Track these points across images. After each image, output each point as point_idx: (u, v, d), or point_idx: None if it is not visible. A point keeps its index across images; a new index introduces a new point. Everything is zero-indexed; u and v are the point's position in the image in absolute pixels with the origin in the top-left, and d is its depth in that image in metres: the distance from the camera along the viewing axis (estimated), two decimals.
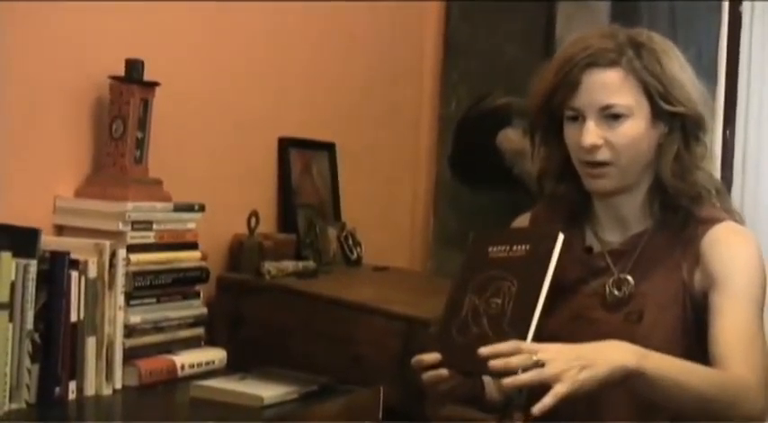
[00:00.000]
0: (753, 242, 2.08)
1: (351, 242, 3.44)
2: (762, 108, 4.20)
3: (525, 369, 1.78)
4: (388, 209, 3.85)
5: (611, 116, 2.04)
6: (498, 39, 3.89)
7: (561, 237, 1.95)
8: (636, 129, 2.05)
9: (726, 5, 3.98)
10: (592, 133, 2.03)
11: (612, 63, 2.04)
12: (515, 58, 3.81)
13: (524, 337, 1.85)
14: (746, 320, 1.99)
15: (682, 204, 2.08)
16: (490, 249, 2.03)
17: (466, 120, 3.85)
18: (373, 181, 3.75)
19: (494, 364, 1.79)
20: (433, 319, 2.66)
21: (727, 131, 4.11)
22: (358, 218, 3.55)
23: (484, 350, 1.81)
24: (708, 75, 3.82)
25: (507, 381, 1.77)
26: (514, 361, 1.78)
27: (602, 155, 2.04)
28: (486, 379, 2.14)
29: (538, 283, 1.91)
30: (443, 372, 1.92)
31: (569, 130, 2.09)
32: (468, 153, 3.82)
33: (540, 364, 1.78)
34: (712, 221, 2.08)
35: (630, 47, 2.06)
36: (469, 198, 3.83)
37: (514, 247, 2.00)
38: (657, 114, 2.06)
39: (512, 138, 3.57)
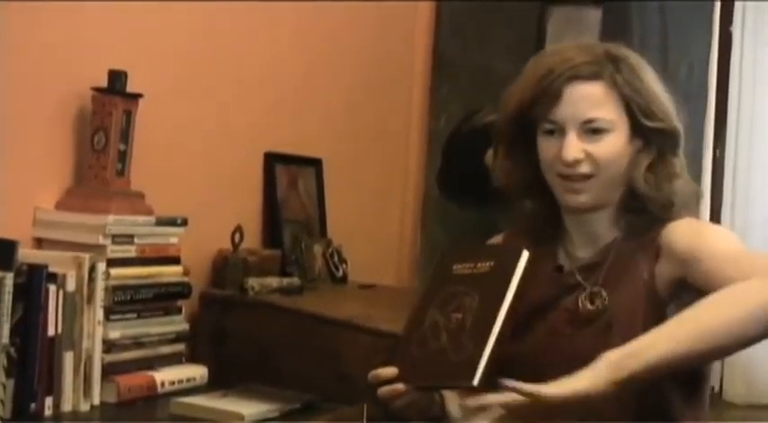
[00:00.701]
0: (712, 224, 2.08)
1: (337, 259, 3.40)
2: (752, 127, 4.19)
3: None
4: (376, 225, 3.81)
5: (592, 130, 2.00)
6: (488, 54, 3.86)
7: (526, 253, 1.91)
8: (617, 144, 2.01)
9: (717, 23, 3.97)
10: (574, 147, 1.99)
11: (595, 76, 2.00)
12: (506, 74, 3.76)
13: (483, 350, 1.82)
14: (736, 252, 1.94)
15: (649, 209, 2.03)
16: (455, 266, 1.99)
17: (455, 136, 3.81)
18: (361, 197, 3.71)
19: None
20: None
21: (717, 150, 4.09)
22: (345, 234, 3.51)
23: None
24: (699, 91, 3.81)
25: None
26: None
27: (583, 168, 2.00)
28: (447, 394, 2.09)
29: (499, 297, 1.87)
30: (399, 386, 1.89)
31: (545, 143, 2.03)
32: (457, 170, 3.79)
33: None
34: (672, 220, 2.03)
35: (609, 61, 2.02)
36: (458, 215, 3.79)
37: (479, 264, 1.96)
38: (635, 129, 2.02)
39: None
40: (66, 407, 2.34)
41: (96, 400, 2.41)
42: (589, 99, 1.99)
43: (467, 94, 3.89)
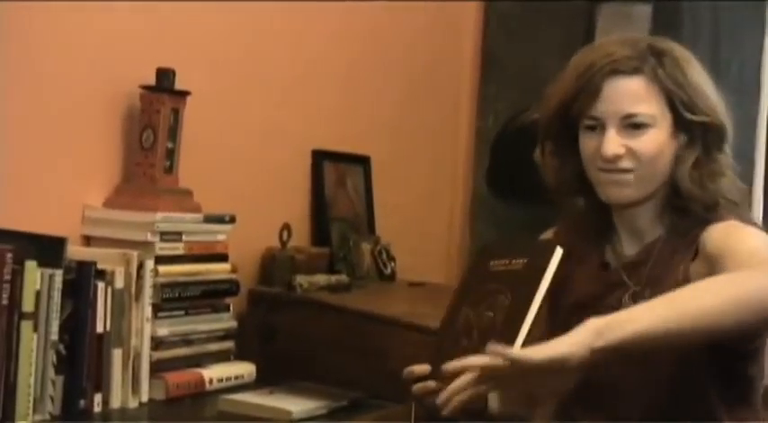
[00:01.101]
0: (755, 228, 1.97)
1: (385, 257, 3.39)
2: None
3: None
4: (425, 224, 3.80)
5: (632, 125, 1.97)
6: (536, 52, 3.83)
7: (559, 251, 1.89)
8: (658, 139, 1.98)
9: None
10: (614, 142, 1.96)
11: (635, 70, 1.97)
12: (554, 72, 3.75)
13: None
14: (756, 248, 1.88)
15: (692, 209, 2.00)
16: (492, 262, 1.98)
17: (503, 134, 3.81)
18: (409, 195, 3.70)
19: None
20: None
21: None
22: (393, 232, 3.50)
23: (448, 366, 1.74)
24: (750, 89, 3.76)
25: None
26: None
27: (624, 163, 1.97)
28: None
29: (530, 296, 1.85)
30: (431, 384, 1.88)
31: (586, 139, 2.01)
32: (506, 168, 3.78)
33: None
34: (716, 221, 1.99)
35: (652, 55, 1.99)
36: (506, 213, 3.78)
37: (513, 261, 1.95)
38: (679, 124, 1.99)
39: None
40: (115, 403, 2.36)
41: (145, 397, 2.42)
42: (629, 94, 1.97)
43: (515, 92, 3.87)
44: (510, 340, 1.81)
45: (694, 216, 2.00)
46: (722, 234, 1.95)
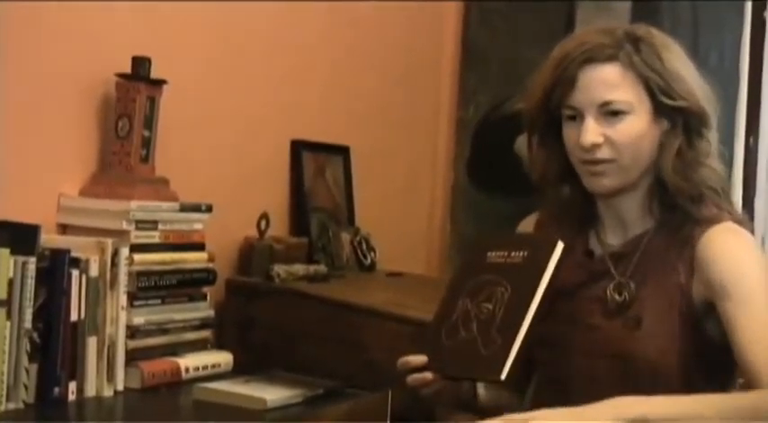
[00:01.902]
0: (750, 242, 1.99)
1: (365, 247, 3.39)
2: None
3: None
4: (405, 214, 3.80)
5: (610, 113, 1.96)
6: (517, 43, 3.84)
7: (561, 245, 1.91)
8: (637, 125, 1.97)
9: (749, 9, 3.92)
10: (591, 131, 1.96)
11: (610, 58, 1.96)
12: (535, 63, 3.75)
13: (511, 345, 1.82)
14: (765, 323, 1.91)
15: (680, 203, 2.00)
16: (489, 254, 1.99)
17: (484, 125, 3.81)
18: (389, 186, 3.70)
19: None
20: None
21: (751, 138, 4.04)
22: (373, 223, 3.50)
23: None
24: (730, 80, 3.77)
25: None
26: None
27: (603, 153, 1.97)
28: (479, 383, 2.10)
29: (531, 290, 1.87)
30: (427, 375, 1.91)
31: (568, 130, 2.01)
32: (486, 159, 3.78)
33: None
34: (709, 222, 1.99)
35: (629, 41, 1.99)
36: (487, 204, 3.78)
37: (512, 254, 1.95)
38: (658, 110, 1.98)
39: None
40: (90, 392, 2.35)
41: (120, 386, 2.42)
42: (604, 82, 1.96)
43: (495, 83, 3.88)
44: (510, 336, 1.84)
45: (682, 209, 2.00)
46: (722, 255, 1.94)
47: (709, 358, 1.97)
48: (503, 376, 1.82)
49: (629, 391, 1.91)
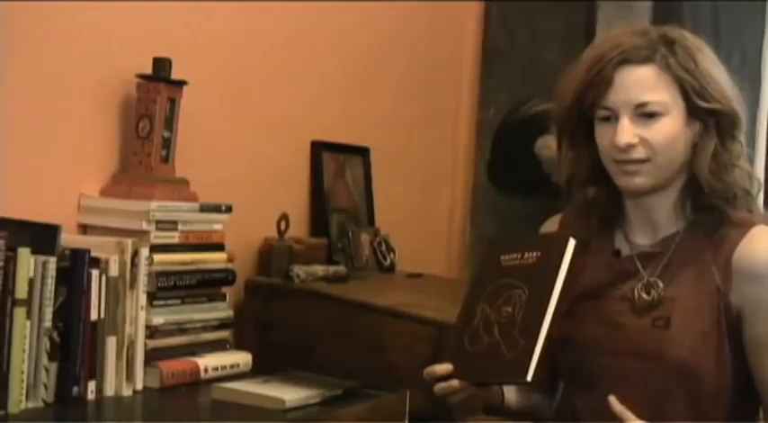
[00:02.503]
0: None
1: (384, 248, 3.39)
2: None
3: None
4: (425, 215, 3.80)
5: (645, 114, 1.97)
6: (537, 44, 3.84)
7: (572, 242, 1.93)
8: (671, 127, 1.98)
9: None
10: (627, 132, 1.97)
11: (646, 59, 1.98)
12: (555, 64, 3.75)
13: (534, 346, 1.85)
14: None
15: (715, 204, 2.01)
16: (503, 258, 2.02)
17: (505, 126, 3.80)
18: (409, 187, 3.70)
19: None
20: None
21: None
22: (393, 224, 3.50)
23: None
24: (752, 81, 3.75)
25: None
26: None
27: (638, 153, 1.98)
28: (506, 387, 2.11)
29: (548, 290, 1.89)
30: (454, 383, 1.93)
31: (601, 131, 2.02)
32: (507, 160, 3.78)
33: None
34: (745, 226, 2.00)
35: (663, 44, 1.99)
36: (507, 205, 3.78)
37: (525, 255, 1.98)
38: (692, 112, 1.99)
39: (551, 145, 3.49)
40: (109, 391, 2.36)
41: (139, 385, 2.42)
42: (640, 83, 1.97)
43: (515, 85, 3.87)
44: (532, 337, 1.86)
45: (716, 210, 2.01)
46: (760, 270, 1.96)
47: (743, 359, 1.98)
48: (529, 377, 1.84)
49: (658, 392, 1.93)
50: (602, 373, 2.01)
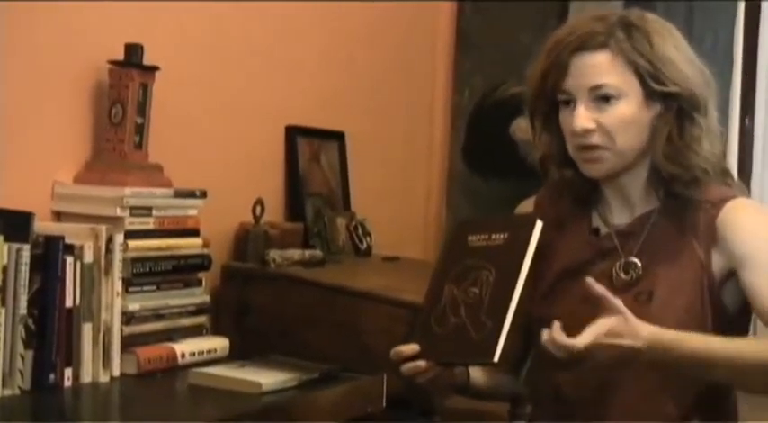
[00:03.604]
0: (766, 217, 2.06)
1: (360, 232, 3.39)
2: None
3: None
4: (401, 199, 3.80)
5: (601, 98, 1.99)
6: (511, 27, 3.84)
7: (539, 224, 1.93)
8: (627, 110, 2.00)
9: None
10: (582, 117, 2.00)
11: (601, 45, 2.00)
12: (529, 47, 3.74)
13: (501, 327, 1.85)
14: None
15: (677, 191, 2.04)
16: (470, 238, 2.01)
17: (479, 110, 3.81)
18: (385, 171, 3.70)
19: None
20: None
21: (746, 119, 4.04)
22: (369, 208, 3.51)
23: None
24: (724, 61, 3.77)
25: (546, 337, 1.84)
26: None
27: (596, 139, 2.00)
28: (472, 367, 2.12)
29: (515, 271, 1.89)
30: (421, 363, 1.93)
31: (563, 116, 2.05)
32: (482, 143, 3.78)
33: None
34: (723, 200, 2.03)
35: (621, 28, 2.02)
36: (483, 188, 3.79)
37: (493, 236, 1.98)
38: (650, 95, 2.01)
39: (525, 128, 3.48)
40: (86, 378, 2.35)
41: (116, 372, 2.42)
42: (594, 68, 1.99)
43: (490, 68, 3.88)
44: (498, 319, 1.86)
45: (681, 197, 2.04)
46: (741, 226, 2.01)
47: (723, 327, 1.99)
48: (495, 358, 1.85)
49: (641, 367, 1.94)
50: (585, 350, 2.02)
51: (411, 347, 1.94)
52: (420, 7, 3.86)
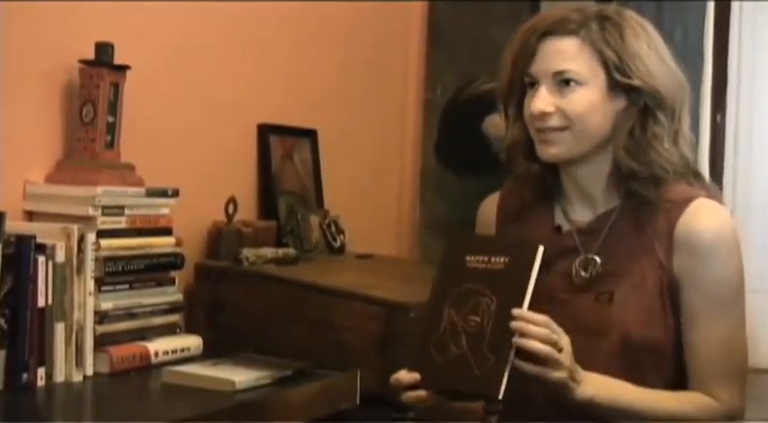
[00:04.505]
0: (727, 224, 2.03)
1: (334, 229, 3.40)
2: (753, 90, 4.17)
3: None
4: (374, 196, 3.81)
5: (563, 82, 2.00)
6: (483, 23, 3.85)
7: (541, 249, 1.91)
8: (589, 97, 2.00)
9: None
10: (542, 99, 2.00)
11: (570, 32, 2.00)
12: (501, 44, 3.75)
13: (505, 363, 1.83)
14: (727, 329, 2.00)
15: (636, 188, 2.03)
16: (467, 258, 1.97)
17: (452, 106, 3.82)
18: (358, 168, 3.71)
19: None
20: (413, 303, 2.65)
21: (718, 116, 4.07)
22: (342, 205, 3.51)
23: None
24: (694, 57, 3.79)
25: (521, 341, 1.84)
26: (535, 330, 1.84)
27: (553, 121, 2.00)
28: None
29: (517, 302, 1.87)
30: (422, 393, 1.92)
31: (527, 99, 2.04)
32: (455, 140, 3.79)
33: (557, 348, 1.86)
34: (686, 199, 2.02)
35: (596, 20, 2.02)
36: (457, 184, 3.80)
37: (492, 259, 1.94)
38: (614, 87, 2.01)
39: (498, 124, 3.49)
40: (59, 377, 2.35)
41: (89, 371, 2.42)
42: (560, 53, 2.00)
43: (462, 64, 3.89)
44: (502, 354, 1.84)
45: (640, 194, 2.03)
46: (698, 237, 1.99)
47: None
48: (500, 396, 1.84)
49: (603, 368, 1.95)
50: None
51: (411, 376, 1.92)
52: (392, 4, 3.87)
